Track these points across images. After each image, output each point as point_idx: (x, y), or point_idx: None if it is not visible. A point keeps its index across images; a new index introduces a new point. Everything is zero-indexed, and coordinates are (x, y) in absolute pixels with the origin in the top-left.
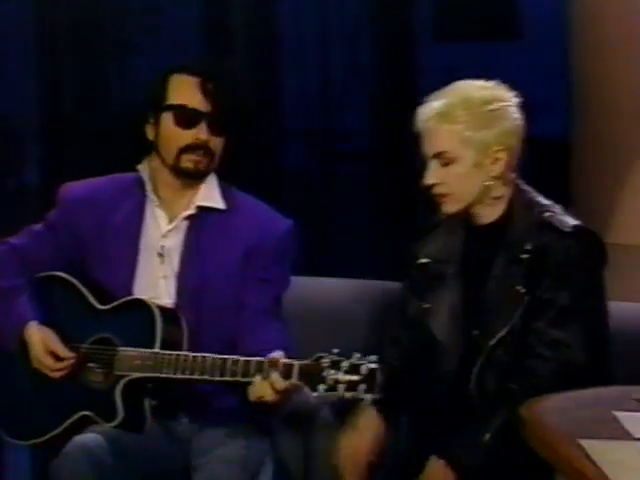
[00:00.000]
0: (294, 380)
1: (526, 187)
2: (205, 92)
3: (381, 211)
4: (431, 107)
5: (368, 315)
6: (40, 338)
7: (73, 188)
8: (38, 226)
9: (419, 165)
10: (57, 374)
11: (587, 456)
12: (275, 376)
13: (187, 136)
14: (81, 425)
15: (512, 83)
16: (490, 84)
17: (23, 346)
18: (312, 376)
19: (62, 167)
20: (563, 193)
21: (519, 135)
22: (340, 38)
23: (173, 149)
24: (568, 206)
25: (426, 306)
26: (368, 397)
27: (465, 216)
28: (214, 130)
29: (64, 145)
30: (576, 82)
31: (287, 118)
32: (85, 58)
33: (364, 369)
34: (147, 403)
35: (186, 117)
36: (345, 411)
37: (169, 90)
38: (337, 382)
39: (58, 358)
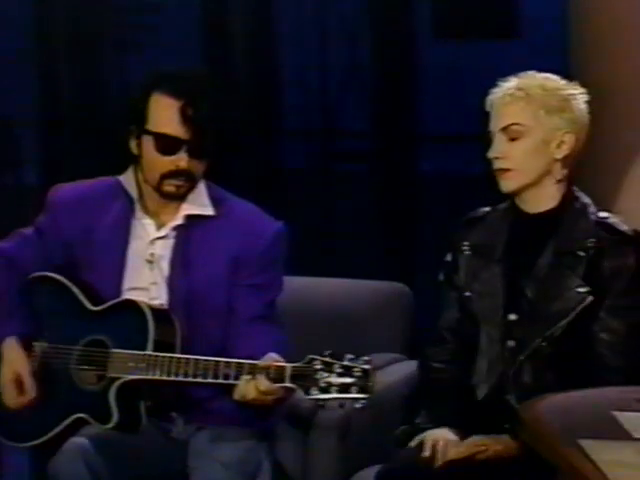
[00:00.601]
0: (287, 383)
1: (575, 188)
2: (185, 118)
3: (381, 211)
4: (508, 85)
5: (368, 315)
6: (11, 361)
7: (61, 191)
8: (28, 230)
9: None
10: (14, 404)
11: (587, 456)
12: (260, 377)
13: (167, 163)
14: (76, 427)
15: None
16: (556, 76)
17: None
18: (304, 379)
19: (61, 167)
20: None
21: (585, 127)
22: (340, 38)
23: (155, 174)
24: None
25: (467, 294)
26: (362, 399)
27: (518, 201)
28: (195, 156)
29: (63, 145)
30: (576, 81)
31: (287, 118)
32: (84, 57)
33: (357, 371)
34: (142, 405)
35: (166, 145)
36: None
37: (150, 111)
38: (330, 385)
39: (21, 390)
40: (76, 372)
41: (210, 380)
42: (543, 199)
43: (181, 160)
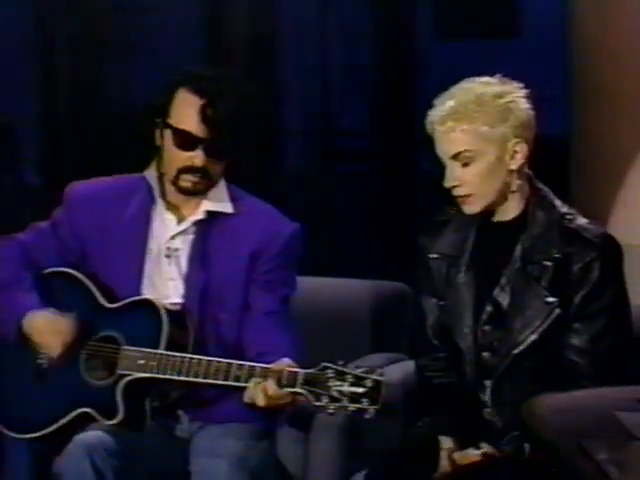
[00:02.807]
0: (298, 388)
1: (540, 185)
2: (204, 117)
3: (381, 211)
4: (443, 109)
5: (368, 315)
6: (42, 319)
7: (79, 187)
8: (44, 224)
9: (420, 165)
10: (61, 348)
11: (588, 456)
12: (269, 382)
13: (184, 158)
14: (81, 421)
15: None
16: (495, 79)
17: (23, 339)
18: (316, 386)
19: (62, 167)
20: (562, 191)
21: (533, 125)
22: (340, 38)
23: (172, 168)
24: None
25: (441, 303)
26: (372, 410)
27: (482, 213)
28: (212, 155)
29: (64, 145)
30: (576, 80)
31: (287, 118)
32: (85, 57)
33: (369, 382)
34: (148, 402)
35: (184, 140)
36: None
37: (173, 106)
38: (341, 394)
39: (61, 335)
40: (85, 366)
41: (221, 382)
42: (505, 209)
43: (197, 157)
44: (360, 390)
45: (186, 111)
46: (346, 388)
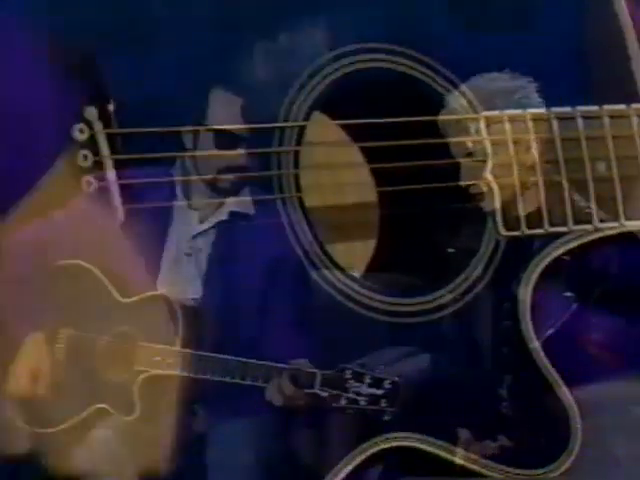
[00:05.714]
0: (316, 390)
1: (559, 179)
2: (245, 115)
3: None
4: (454, 108)
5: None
6: (33, 354)
7: (98, 177)
8: (59, 214)
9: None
10: (19, 396)
11: (605, 451)
12: (287, 383)
13: (226, 158)
14: (97, 417)
15: (525, 74)
16: (505, 74)
17: None
18: (334, 387)
19: None
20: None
21: (546, 120)
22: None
23: (211, 169)
24: None
25: (458, 297)
26: (390, 412)
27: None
28: (253, 151)
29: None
30: (589, 73)
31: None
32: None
33: (387, 383)
34: (165, 398)
35: (226, 141)
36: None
37: (210, 107)
38: (359, 395)
39: (33, 385)
40: (101, 362)
41: (238, 381)
42: (524, 204)
43: (239, 156)
44: (379, 392)
45: (225, 111)
46: (364, 389)
